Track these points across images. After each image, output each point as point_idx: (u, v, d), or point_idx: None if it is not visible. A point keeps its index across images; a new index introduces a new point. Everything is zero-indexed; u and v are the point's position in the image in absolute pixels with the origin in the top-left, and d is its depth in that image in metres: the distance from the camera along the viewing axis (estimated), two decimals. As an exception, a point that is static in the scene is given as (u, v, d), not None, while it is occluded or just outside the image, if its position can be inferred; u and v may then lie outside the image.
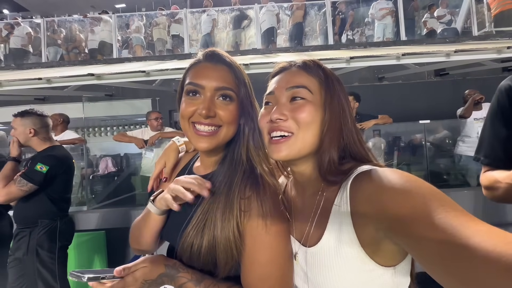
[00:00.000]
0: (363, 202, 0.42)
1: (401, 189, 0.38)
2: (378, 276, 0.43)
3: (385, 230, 0.39)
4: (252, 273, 0.50)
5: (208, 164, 0.61)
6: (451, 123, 3.26)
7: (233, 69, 0.56)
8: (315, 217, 0.49)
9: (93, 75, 2.51)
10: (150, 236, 0.62)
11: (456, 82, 4.59)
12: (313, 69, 0.52)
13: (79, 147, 2.86)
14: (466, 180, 2.97)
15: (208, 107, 0.53)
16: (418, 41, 4.23)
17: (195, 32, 4.99)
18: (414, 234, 0.34)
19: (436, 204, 0.35)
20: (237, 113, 0.56)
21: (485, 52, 2.40)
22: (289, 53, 3.64)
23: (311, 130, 0.49)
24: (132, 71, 2.57)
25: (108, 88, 4.54)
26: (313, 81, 0.51)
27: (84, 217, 2.39)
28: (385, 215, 0.38)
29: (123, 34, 5.09)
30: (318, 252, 0.46)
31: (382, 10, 4.59)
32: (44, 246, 1.54)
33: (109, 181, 3.28)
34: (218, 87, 0.54)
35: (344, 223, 0.44)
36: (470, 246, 0.30)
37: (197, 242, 0.52)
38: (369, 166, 0.46)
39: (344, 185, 0.46)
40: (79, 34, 5.05)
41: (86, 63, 3.92)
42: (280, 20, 4.82)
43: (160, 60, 3.67)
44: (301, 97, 0.50)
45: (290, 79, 0.51)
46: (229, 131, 0.56)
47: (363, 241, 0.42)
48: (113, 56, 4.57)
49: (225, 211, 0.51)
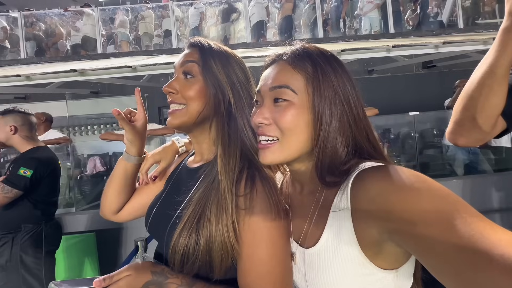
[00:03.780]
0: (366, 203, 0.39)
1: (410, 189, 0.35)
2: (379, 279, 0.41)
3: (390, 233, 0.36)
4: (252, 271, 0.47)
5: (202, 153, 0.61)
6: (439, 114, 3.33)
7: (201, 49, 0.57)
8: (313, 216, 0.47)
9: (76, 71, 2.40)
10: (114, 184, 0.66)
11: (443, 74, 4.70)
12: (299, 63, 0.46)
13: (65, 147, 2.75)
14: (454, 169, 3.05)
15: (170, 84, 0.56)
16: (406, 33, 4.28)
17: (183, 26, 4.85)
18: (425, 240, 0.32)
19: (450, 208, 0.32)
20: (202, 90, 0.55)
21: (472, 44, 2.44)
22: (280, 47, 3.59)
23: (296, 135, 0.45)
24: (118, 66, 2.47)
25: (93, 85, 4.38)
26: (298, 78, 0.46)
27: (72, 219, 2.31)
28: (391, 217, 0.35)
29: (108, 29, 4.89)
30: (316, 253, 0.44)
31: (370, 3, 4.59)
32: (28, 252, 1.47)
33: (98, 181, 3.18)
34: (181, 62, 0.57)
35: (344, 224, 0.41)
36: (490, 257, 0.28)
37: (192, 242, 0.48)
38: (372, 163, 0.42)
39: (344, 183, 0.43)
40: (60, 28, 4.82)
41: (69, 59, 3.76)
42: (269, 13, 4.75)
43: (148, 55, 3.56)
44: (283, 98, 0.46)
45: (274, 77, 0.47)
46: (196, 108, 0.55)
47: (364, 243, 0.40)
48: (97, 52, 4.40)
49: (221, 206, 0.49)
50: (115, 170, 0.67)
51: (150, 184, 0.69)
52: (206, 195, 0.51)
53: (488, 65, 0.52)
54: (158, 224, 0.59)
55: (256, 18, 4.54)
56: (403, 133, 3.31)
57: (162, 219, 0.58)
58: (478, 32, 3.71)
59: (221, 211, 0.48)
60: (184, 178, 0.61)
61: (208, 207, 0.50)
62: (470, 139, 0.59)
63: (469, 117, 0.56)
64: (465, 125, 0.57)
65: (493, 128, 0.56)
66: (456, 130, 0.60)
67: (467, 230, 0.30)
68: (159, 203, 0.62)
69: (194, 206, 0.51)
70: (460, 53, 2.98)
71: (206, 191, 0.52)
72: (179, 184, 0.61)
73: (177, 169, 0.67)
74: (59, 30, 4.76)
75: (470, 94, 0.54)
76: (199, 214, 0.50)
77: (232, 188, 0.49)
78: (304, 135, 0.45)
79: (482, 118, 0.54)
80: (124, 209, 0.71)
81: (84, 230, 2.28)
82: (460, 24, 4.49)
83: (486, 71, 0.52)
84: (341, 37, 4.41)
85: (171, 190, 0.63)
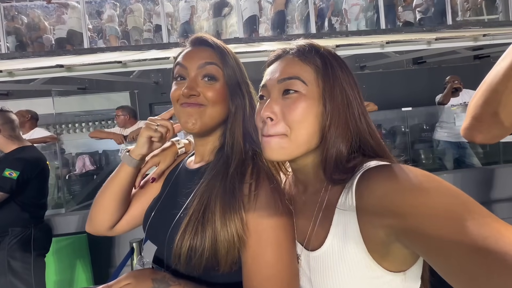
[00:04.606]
0: (372, 203, 0.37)
1: (418, 189, 0.34)
2: (386, 282, 0.39)
3: (397, 235, 0.35)
4: (258, 274, 0.45)
5: (203, 155, 0.59)
6: (429, 109, 3.39)
7: (217, 49, 0.55)
8: (317, 218, 0.45)
9: (63, 67, 2.30)
10: (113, 194, 0.59)
11: (433, 70, 4.78)
12: (308, 56, 0.46)
13: (52, 146, 2.65)
14: (444, 164, 3.12)
15: (190, 86, 0.52)
16: (397, 30, 4.32)
17: (173, 20, 4.73)
18: (435, 242, 0.31)
19: (461, 208, 0.31)
20: (223, 93, 0.54)
21: (463, 40, 2.48)
22: (273, 42, 3.56)
23: (305, 128, 0.44)
24: (107, 61, 2.38)
25: (81, 81, 4.23)
26: (308, 70, 0.45)
27: (62, 220, 2.24)
28: (399, 218, 0.34)
29: (96, 23, 4.71)
30: (321, 256, 0.43)
31: (354, 6, 4.60)
32: (16, 257, 1.41)
33: (88, 180, 3.09)
34: (200, 64, 0.54)
35: (349, 226, 0.40)
36: (505, 260, 0.26)
37: (198, 235, 0.46)
38: (377, 162, 0.41)
39: (349, 183, 0.42)
40: (44, 22, 4.61)
41: (54, 53, 3.60)
42: (262, 7, 4.69)
43: (137, 50, 3.45)
44: (294, 89, 0.45)
45: (283, 70, 0.46)
46: (215, 112, 0.54)
47: (370, 245, 0.39)
48: (84, 46, 4.23)
49: (225, 206, 0.47)
50: (115, 177, 0.60)
51: (147, 188, 0.66)
52: (210, 188, 0.50)
53: None
54: (158, 226, 0.56)
55: (248, 13, 4.48)
56: (395, 128, 3.36)
57: (162, 221, 0.55)
58: (466, 29, 3.78)
59: (225, 201, 0.47)
60: (184, 180, 0.59)
61: (212, 199, 0.48)
62: (489, 136, 0.55)
63: (490, 112, 0.52)
64: (485, 121, 0.53)
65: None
66: (474, 126, 0.56)
67: (480, 231, 0.29)
68: (158, 206, 0.60)
69: (199, 199, 0.50)
70: (451, 49, 3.03)
71: (209, 184, 0.50)
72: (178, 186, 0.59)
73: (175, 171, 0.64)
74: (43, 24, 4.56)
75: (494, 87, 0.50)
76: (204, 207, 0.48)
77: (240, 186, 0.48)
78: (313, 128, 0.44)
79: (504, 113, 0.50)
80: (123, 220, 0.64)
81: (75, 232, 2.21)
82: (449, 20, 4.57)
83: None
84: (334, 33, 4.42)
85: (171, 191, 0.60)
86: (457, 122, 2.90)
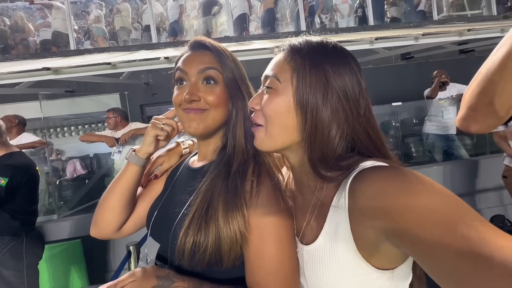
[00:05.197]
0: (364, 203, 0.38)
1: (410, 191, 0.34)
2: (374, 279, 0.41)
3: (388, 235, 0.36)
4: (261, 269, 0.47)
5: (206, 154, 0.60)
6: (418, 103, 3.46)
7: (216, 52, 0.57)
8: (312, 214, 0.47)
9: (49, 69, 2.24)
10: (120, 194, 0.59)
11: (420, 64, 4.88)
12: (291, 54, 0.47)
13: (41, 151, 2.58)
14: (434, 156, 3.20)
15: (191, 91, 0.54)
16: (385, 26, 4.38)
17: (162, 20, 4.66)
18: (424, 243, 0.31)
19: (452, 211, 0.32)
20: (224, 96, 0.56)
21: (448, 35, 2.53)
22: (264, 40, 3.56)
23: (278, 123, 0.46)
24: (96, 63, 2.33)
25: (68, 83, 4.13)
26: (286, 69, 0.46)
27: (55, 226, 2.19)
28: (390, 219, 0.35)
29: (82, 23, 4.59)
30: (314, 251, 0.45)
31: (344, 3, 4.64)
32: (8, 266, 1.38)
33: (79, 185, 3.03)
34: (200, 69, 0.55)
35: (341, 225, 0.41)
36: (492, 263, 0.27)
37: (200, 240, 0.47)
38: (373, 163, 0.41)
39: (344, 182, 0.42)
40: (28, 24, 4.47)
41: (39, 56, 3.51)
42: (251, 6, 4.67)
43: (126, 51, 3.40)
44: (270, 86, 0.48)
45: (269, 66, 0.50)
46: (217, 114, 0.55)
47: (360, 244, 0.40)
48: (70, 48, 4.13)
49: (228, 203, 0.48)
50: (121, 177, 0.60)
51: (151, 187, 0.67)
52: (212, 186, 0.51)
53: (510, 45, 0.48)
54: (162, 224, 0.57)
55: (238, 11, 4.45)
56: (386, 123, 3.42)
57: (166, 219, 0.56)
58: (451, 24, 3.87)
59: (228, 199, 0.48)
60: (187, 178, 0.60)
61: (215, 196, 0.49)
62: (484, 125, 0.55)
63: (485, 102, 0.52)
64: (481, 111, 0.54)
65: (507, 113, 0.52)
66: (469, 115, 0.56)
67: (469, 234, 0.29)
68: (162, 204, 0.61)
69: (202, 196, 0.51)
70: (437, 44, 3.10)
71: (212, 182, 0.52)
72: (181, 184, 0.60)
73: (178, 170, 0.65)
74: (27, 26, 4.42)
75: (490, 77, 0.50)
76: (207, 204, 0.49)
77: (242, 183, 0.50)
78: (287, 123, 0.46)
79: (499, 103, 0.50)
80: (129, 220, 0.64)
81: (69, 238, 2.17)
82: (434, 16, 4.67)
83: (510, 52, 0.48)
84: (323, 30, 4.45)
85: (174, 190, 0.62)
86: (445, 116, 2.98)
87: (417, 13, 4.76)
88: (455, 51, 4.41)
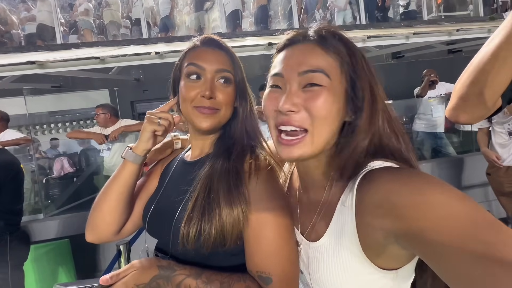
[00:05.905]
0: (372, 204, 0.37)
1: (421, 193, 0.33)
2: (377, 279, 0.40)
3: (397, 237, 0.35)
4: (260, 251, 0.48)
5: (203, 148, 0.61)
6: (408, 102, 3.52)
7: (230, 54, 0.59)
8: (320, 213, 0.46)
9: (34, 63, 2.16)
10: (118, 194, 0.57)
11: (410, 64, 4.96)
12: (331, 45, 0.42)
13: (26, 148, 2.49)
14: (423, 154, 3.27)
15: (211, 88, 0.55)
16: (376, 25, 4.43)
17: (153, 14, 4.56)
18: (437, 247, 0.30)
19: (466, 214, 0.30)
20: (233, 96, 0.58)
21: (438, 34, 2.58)
22: (257, 37, 3.53)
23: (328, 125, 0.42)
24: (84, 57, 2.26)
25: (55, 78, 3.99)
26: (332, 62, 0.42)
27: (41, 226, 2.12)
28: (400, 221, 0.33)
29: (68, 16, 4.44)
30: (319, 248, 0.45)
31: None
32: (-8, 268, 1.33)
33: (67, 183, 2.95)
34: (218, 69, 0.56)
35: (347, 225, 0.41)
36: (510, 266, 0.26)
37: (204, 224, 0.48)
38: (382, 163, 0.40)
39: (352, 182, 0.41)
40: (10, 15, 4.28)
41: (23, 49, 3.37)
42: (244, 2, 4.63)
43: (115, 46, 3.31)
44: (317, 83, 0.41)
45: (303, 60, 0.42)
46: (226, 113, 0.57)
47: (366, 244, 0.39)
48: (57, 42, 3.99)
49: (229, 185, 0.49)
50: (118, 177, 0.57)
51: (147, 185, 0.66)
52: (213, 171, 0.52)
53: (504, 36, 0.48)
54: (162, 216, 0.57)
55: (231, 7, 4.40)
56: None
57: (165, 211, 0.57)
58: (441, 24, 3.95)
59: (229, 181, 0.49)
60: (183, 171, 0.61)
61: (215, 181, 0.51)
62: (473, 116, 0.56)
63: (476, 92, 0.53)
64: (470, 101, 0.54)
65: (494, 105, 0.53)
66: (459, 105, 0.57)
67: (485, 238, 0.28)
68: (158, 199, 0.61)
69: (203, 182, 0.52)
70: (427, 43, 3.15)
71: (212, 168, 0.53)
72: (178, 178, 0.61)
73: (172, 165, 0.65)
74: (10, 18, 4.24)
75: (482, 67, 0.51)
76: (209, 189, 0.50)
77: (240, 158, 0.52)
78: (335, 124, 0.42)
79: (489, 93, 0.51)
80: (128, 221, 0.62)
81: (56, 237, 2.11)
82: (424, 16, 4.75)
83: (502, 42, 0.48)
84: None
85: (170, 184, 0.62)
86: (434, 114, 3.04)
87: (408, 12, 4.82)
88: (443, 51, 4.52)
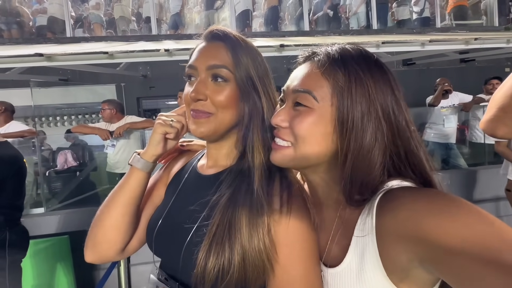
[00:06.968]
0: (394, 227, 0.35)
1: (446, 214, 0.32)
2: None
3: (422, 261, 0.34)
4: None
5: (217, 159, 0.53)
6: (419, 110, 3.45)
7: (230, 44, 0.49)
8: (335, 235, 0.44)
9: (43, 56, 2.13)
10: (124, 207, 0.50)
11: (421, 71, 4.87)
12: (330, 68, 0.41)
13: (30, 141, 2.47)
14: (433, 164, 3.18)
15: (197, 89, 0.47)
16: (388, 30, 4.36)
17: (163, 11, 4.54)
18: (466, 272, 0.29)
19: (495, 236, 0.29)
20: (234, 95, 0.48)
21: (455, 43, 2.51)
22: (266, 37, 3.49)
23: (310, 145, 0.42)
24: (92, 52, 2.23)
25: (63, 71, 3.99)
26: (324, 85, 0.42)
27: (41, 220, 2.09)
28: (425, 244, 0.32)
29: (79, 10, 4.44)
30: (339, 274, 0.42)
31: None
32: (-12, 264, 1.29)
33: (70, 177, 2.92)
34: (209, 66, 0.48)
35: (368, 248, 0.39)
36: None
37: (226, 256, 0.41)
38: (400, 182, 0.39)
39: (369, 203, 0.40)
40: (21, 6, 4.29)
41: (33, 41, 3.37)
42: (255, 2, 4.59)
43: (124, 41, 3.29)
44: (303, 104, 0.42)
45: (300, 79, 0.44)
46: (225, 117, 0.48)
47: (389, 268, 0.37)
48: (66, 35, 3.99)
49: (252, 222, 0.42)
50: (124, 187, 0.51)
51: (153, 195, 0.59)
52: (233, 202, 0.45)
53: None
54: (169, 239, 0.50)
55: (241, 7, 4.37)
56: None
57: (173, 233, 0.49)
58: (454, 32, 3.87)
59: (253, 216, 0.42)
60: (197, 186, 0.53)
61: (236, 214, 0.43)
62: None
63: None
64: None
65: None
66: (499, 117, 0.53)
67: None
68: (166, 214, 0.53)
69: (221, 215, 0.44)
70: (442, 51, 3.08)
71: (232, 196, 0.45)
72: (190, 193, 0.54)
73: (183, 175, 0.57)
74: (22, 9, 4.25)
75: None
76: (229, 223, 0.43)
77: (267, 193, 0.44)
78: (320, 147, 0.42)
79: None
80: (134, 237, 0.55)
81: (56, 233, 2.08)
82: (437, 23, 4.67)
83: None
84: (326, 31, 4.40)
85: (180, 199, 0.54)
86: (446, 124, 2.97)
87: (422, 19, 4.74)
88: (456, 59, 4.43)
